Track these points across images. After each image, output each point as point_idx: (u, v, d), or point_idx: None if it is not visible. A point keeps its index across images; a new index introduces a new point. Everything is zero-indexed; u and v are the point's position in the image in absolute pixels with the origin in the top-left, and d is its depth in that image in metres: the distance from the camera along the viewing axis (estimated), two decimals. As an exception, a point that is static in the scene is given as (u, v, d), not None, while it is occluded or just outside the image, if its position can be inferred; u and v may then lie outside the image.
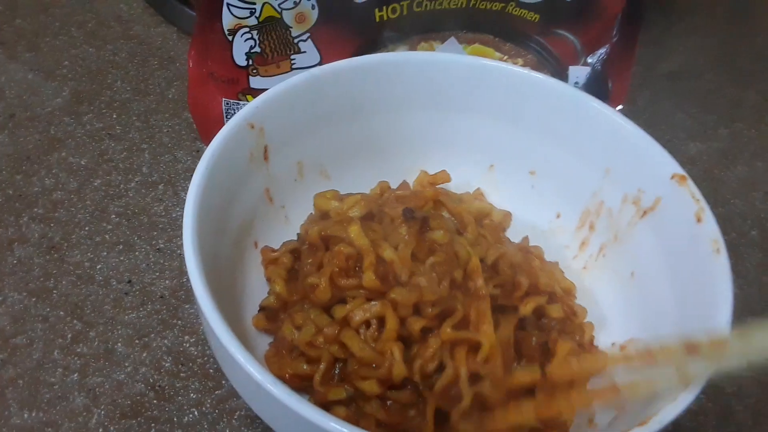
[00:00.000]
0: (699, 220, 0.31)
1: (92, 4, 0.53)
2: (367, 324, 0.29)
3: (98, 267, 0.37)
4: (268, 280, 0.33)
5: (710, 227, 0.30)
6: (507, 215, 0.39)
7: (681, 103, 0.50)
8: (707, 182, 0.44)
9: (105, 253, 0.38)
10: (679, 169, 0.33)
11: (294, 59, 0.41)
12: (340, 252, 0.30)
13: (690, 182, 0.32)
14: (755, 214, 0.43)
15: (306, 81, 0.35)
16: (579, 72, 0.42)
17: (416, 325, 0.29)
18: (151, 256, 0.38)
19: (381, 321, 0.29)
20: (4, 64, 0.48)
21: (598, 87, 0.42)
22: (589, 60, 0.42)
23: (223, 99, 0.41)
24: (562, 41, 0.41)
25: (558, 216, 0.38)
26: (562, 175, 0.38)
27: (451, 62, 0.37)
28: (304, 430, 0.24)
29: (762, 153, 0.47)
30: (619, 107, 0.43)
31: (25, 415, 0.32)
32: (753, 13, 0.59)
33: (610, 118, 0.35)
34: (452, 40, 0.42)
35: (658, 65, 0.53)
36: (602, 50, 0.41)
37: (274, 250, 0.35)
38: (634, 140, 0.35)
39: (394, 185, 0.39)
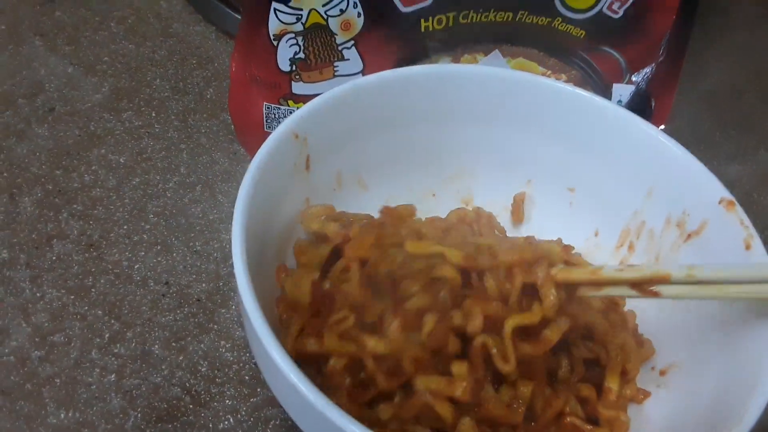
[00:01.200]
0: (748, 247, 0.31)
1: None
2: None
3: (136, 267, 0.38)
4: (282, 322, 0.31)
5: (760, 254, 0.30)
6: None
7: (720, 124, 0.49)
8: (747, 206, 0.42)
9: (143, 253, 0.38)
10: (726, 194, 0.32)
11: (337, 66, 0.41)
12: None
13: (738, 208, 0.32)
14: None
15: (349, 91, 0.35)
16: (623, 90, 0.41)
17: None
18: (188, 258, 0.38)
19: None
20: (44, 57, 0.48)
21: (641, 106, 0.41)
22: (634, 78, 0.41)
23: (264, 103, 0.41)
24: (607, 58, 0.41)
25: (596, 234, 0.38)
26: (601, 192, 0.37)
27: (492, 76, 0.37)
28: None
29: (804, 178, 0.47)
30: (661, 127, 0.42)
31: (62, 415, 0.32)
32: (795, 33, 0.58)
33: (655, 138, 0.35)
34: (496, 53, 0.42)
35: (697, 83, 0.52)
36: (647, 69, 0.41)
37: (287, 272, 0.32)
38: (680, 162, 0.34)
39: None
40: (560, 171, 0.38)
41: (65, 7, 0.52)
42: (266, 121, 0.42)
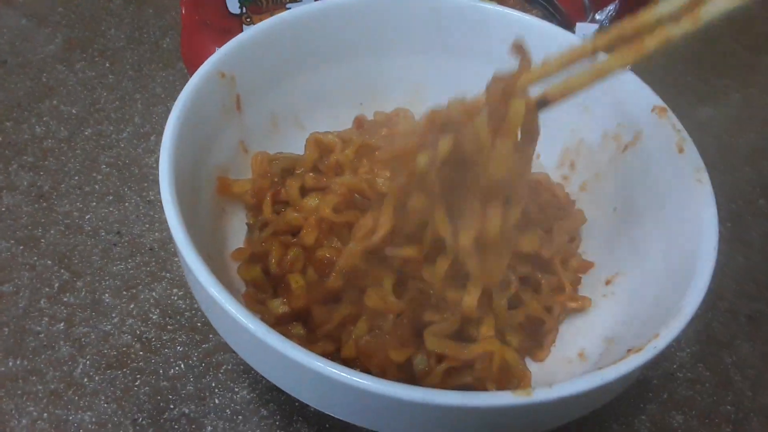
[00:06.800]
0: (681, 150, 0.30)
1: (87, -51, 0.51)
2: None
3: (87, 217, 0.37)
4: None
5: (692, 156, 0.30)
6: None
7: (693, 66, 0.48)
8: (716, 148, 0.42)
9: (94, 204, 0.37)
10: (659, 102, 0.32)
11: (290, 8, 0.39)
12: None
13: (670, 113, 0.31)
14: (764, 182, 0.42)
15: (278, 25, 0.33)
16: (586, 29, 0.40)
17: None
18: (141, 208, 0.37)
19: None
20: (-3, 9, 0.47)
21: (606, 45, 0.40)
22: (597, 17, 0.40)
23: (216, 48, 0.40)
24: (571, -4, 0.40)
25: (538, 156, 0.37)
26: (541, 114, 0.36)
27: (424, 2, 0.35)
28: (295, 374, 0.24)
29: (775, 119, 0.46)
30: (628, 68, 0.41)
31: (10, 363, 0.31)
32: (774, -25, 0.56)
33: None
34: (456, -9, 0.40)
35: (672, 26, 0.51)
36: (611, 6, 0.40)
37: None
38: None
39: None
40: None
41: (19, -42, 0.50)
42: (221, 68, 0.41)
